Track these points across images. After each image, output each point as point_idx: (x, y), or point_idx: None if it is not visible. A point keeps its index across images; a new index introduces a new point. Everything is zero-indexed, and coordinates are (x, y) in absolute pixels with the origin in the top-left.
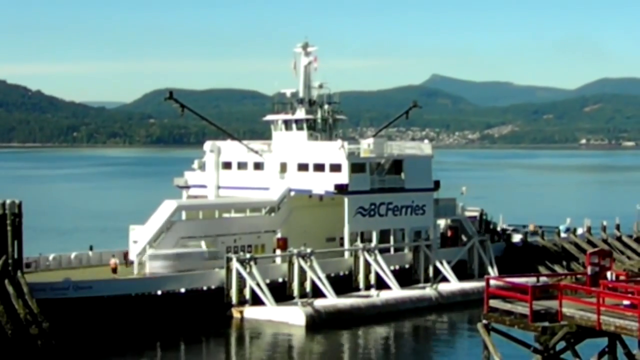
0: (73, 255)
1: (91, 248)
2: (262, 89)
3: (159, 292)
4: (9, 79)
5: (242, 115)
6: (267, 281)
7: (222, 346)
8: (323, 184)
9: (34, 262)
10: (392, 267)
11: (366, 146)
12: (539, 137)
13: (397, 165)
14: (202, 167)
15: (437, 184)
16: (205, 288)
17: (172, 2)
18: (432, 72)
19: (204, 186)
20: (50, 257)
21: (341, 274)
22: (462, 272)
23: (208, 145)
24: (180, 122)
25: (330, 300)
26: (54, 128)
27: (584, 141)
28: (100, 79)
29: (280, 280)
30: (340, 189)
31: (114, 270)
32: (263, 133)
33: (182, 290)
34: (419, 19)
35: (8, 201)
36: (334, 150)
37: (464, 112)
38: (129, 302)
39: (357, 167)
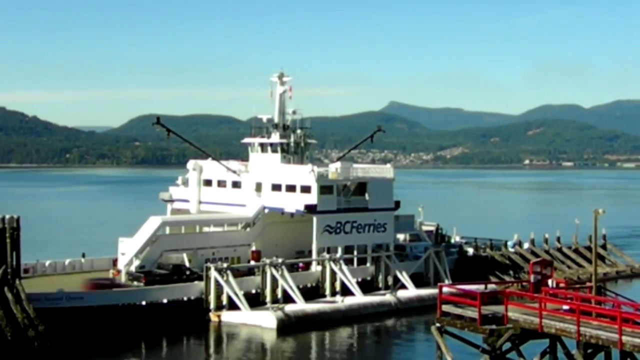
0: (67, 261)
1: (83, 255)
2: (236, 115)
3: (143, 303)
4: (8, 105)
5: (218, 139)
6: (242, 292)
7: (201, 346)
8: (294, 203)
9: (31, 267)
10: (356, 279)
11: (334, 169)
12: (486, 158)
13: (361, 187)
14: (185, 183)
15: (397, 204)
16: (185, 299)
17: (155, 35)
18: (390, 99)
19: (186, 201)
20: (47, 264)
21: (309, 285)
22: (419, 280)
23: (191, 164)
24: (163, 145)
25: (299, 305)
26: (49, 150)
27: (527, 162)
28: (90, 106)
29: (254, 291)
30: (310, 208)
31: None
32: (237, 155)
33: (165, 300)
34: (379, 51)
35: (7, 216)
36: (305, 173)
37: (419, 136)
38: (116, 311)
39: (325, 189)
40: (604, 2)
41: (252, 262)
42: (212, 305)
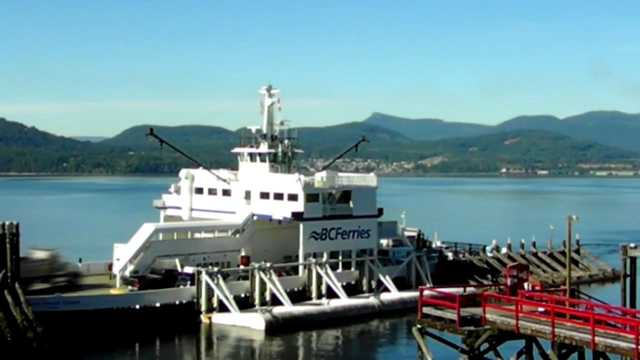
0: None
1: (80, 260)
2: (226, 126)
3: (137, 307)
4: (8, 117)
5: (208, 148)
6: (232, 295)
7: (193, 347)
8: (282, 210)
9: None
10: (341, 283)
11: (320, 178)
12: (465, 167)
13: (346, 195)
14: (177, 191)
15: (380, 211)
16: (177, 303)
17: (148, 50)
18: (373, 110)
19: (179, 208)
20: None
21: (296, 289)
22: (402, 283)
23: (183, 172)
24: (156, 154)
25: (287, 307)
26: (47, 159)
27: (504, 170)
28: (86, 117)
29: (243, 294)
30: (297, 216)
31: None
32: (227, 164)
33: (157, 304)
34: (362, 64)
35: (7, 222)
36: (292, 182)
37: (401, 145)
38: (111, 315)
39: (311, 197)
40: (574, 19)
41: (242, 267)
42: (203, 308)
